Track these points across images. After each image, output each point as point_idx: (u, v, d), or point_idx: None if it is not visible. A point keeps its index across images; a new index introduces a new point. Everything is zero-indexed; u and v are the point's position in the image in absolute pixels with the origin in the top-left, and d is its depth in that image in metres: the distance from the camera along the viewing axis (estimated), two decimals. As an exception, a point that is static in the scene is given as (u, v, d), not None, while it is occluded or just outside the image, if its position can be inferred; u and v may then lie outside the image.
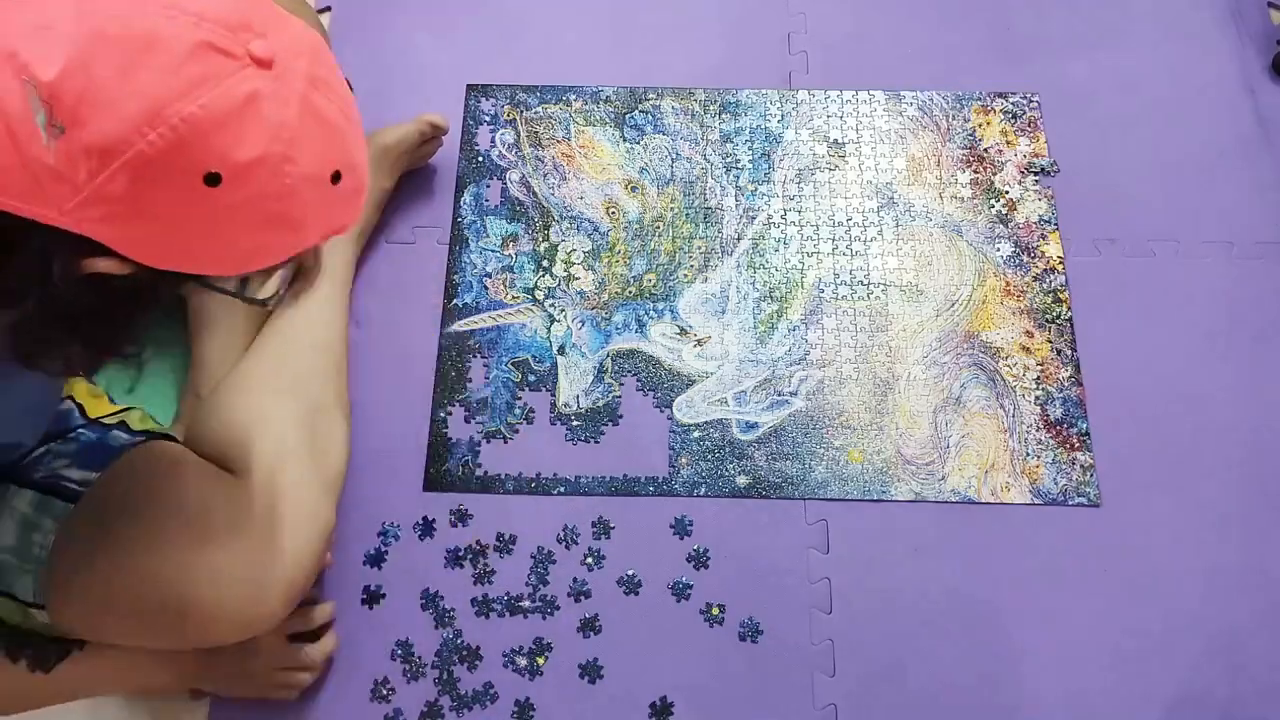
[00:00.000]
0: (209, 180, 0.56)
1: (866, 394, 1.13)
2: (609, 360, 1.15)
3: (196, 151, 0.55)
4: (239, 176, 0.57)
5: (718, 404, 1.13)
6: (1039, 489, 1.09)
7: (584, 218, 1.22)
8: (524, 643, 1.02)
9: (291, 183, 0.59)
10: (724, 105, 1.29)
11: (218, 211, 0.57)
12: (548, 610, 1.03)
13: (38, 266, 0.58)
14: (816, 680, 1.01)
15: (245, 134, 0.57)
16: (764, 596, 1.04)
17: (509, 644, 1.02)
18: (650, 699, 1.00)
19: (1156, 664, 1.01)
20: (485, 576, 1.04)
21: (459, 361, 1.15)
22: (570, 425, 1.12)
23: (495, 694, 1.00)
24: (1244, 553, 1.06)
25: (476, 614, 1.03)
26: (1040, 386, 1.14)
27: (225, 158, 0.56)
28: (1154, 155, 1.26)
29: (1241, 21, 1.34)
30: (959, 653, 1.02)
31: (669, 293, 1.18)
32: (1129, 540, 1.06)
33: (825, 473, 1.09)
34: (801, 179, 1.25)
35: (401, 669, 1.01)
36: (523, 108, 1.29)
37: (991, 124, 1.28)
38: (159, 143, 0.54)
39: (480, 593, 1.04)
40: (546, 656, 1.02)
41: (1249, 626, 1.03)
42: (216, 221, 0.58)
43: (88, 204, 0.55)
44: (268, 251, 0.63)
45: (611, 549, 1.06)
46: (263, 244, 0.61)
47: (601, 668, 1.01)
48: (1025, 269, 1.20)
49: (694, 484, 1.09)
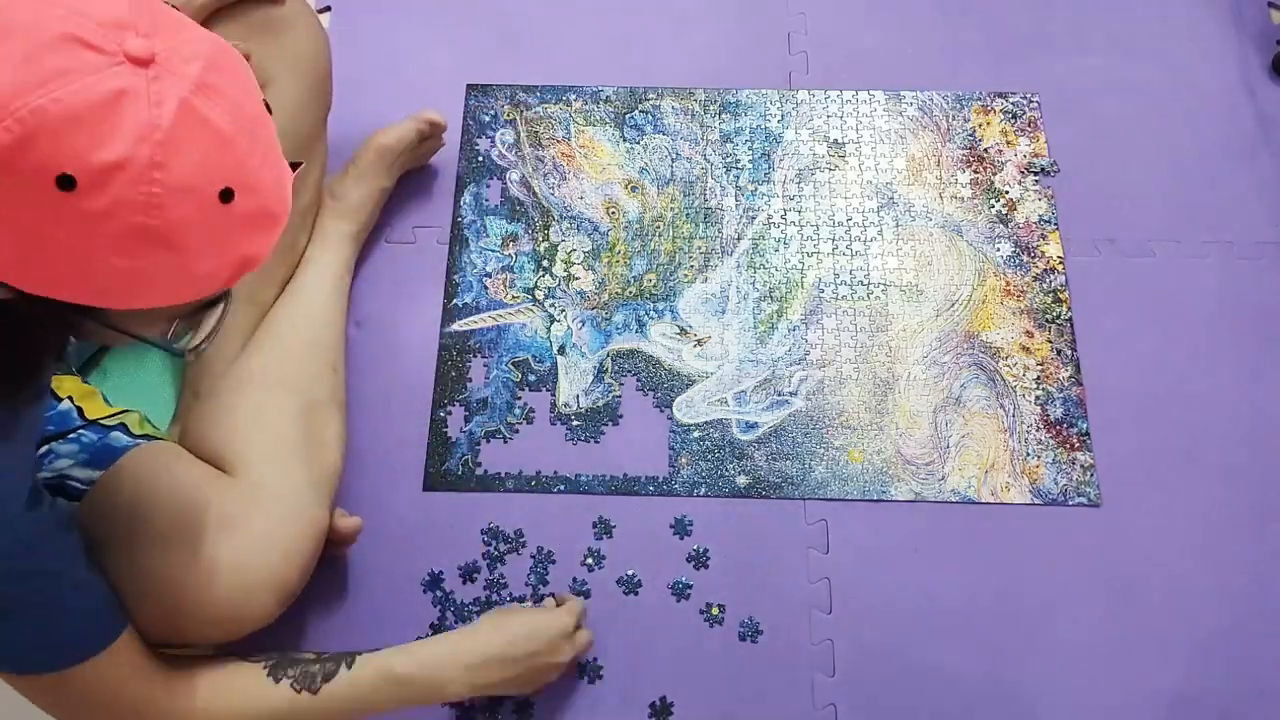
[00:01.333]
0: (61, 183, 0.50)
1: (866, 394, 1.13)
2: (609, 360, 1.15)
3: (46, 149, 0.50)
4: (97, 181, 0.51)
5: (718, 404, 1.13)
6: (1039, 489, 1.09)
7: (584, 218, 1.22)
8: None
9: (161, 192, 0.52)
10: (724, 105, 1.29)
11: (74, 221, 0.52)
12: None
13: None
14: (816, 680, 1.01)
15: (106, 134, 0.51)
16: (764, 596, 1.04)
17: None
18: (650, 699, 1.00)
19: (1156, 664, 1.01)
20: (493, 583, 1.04)
21: (459, 361, 1.15)
22: (570, 425, 1.12)
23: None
24: (1244, 552, 1.06)
25: (478, 613, 1.03)
26: (1040, 386, 1.14)
27: (80, 159, 0.51)
28: (1154, 155, 1.26)
29: (1241, 21, 1.35)
30: (959, 653, 1.02)
31: (669, 293, 1.18)
32: (1129, 540, 1.06)
33: (825, 473, 1.09)
34: (801, 179, 1.25)
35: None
36: (523, 107, 1.29)
37: (991, 124, 1.28)
38: (3, 136, 0.50)
39: (482, 593, 1.04)
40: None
41: (1249, 626, 1.03)
42: (75, 234, 0.52)
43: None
44: (152, 281, 0.55)
45: (611, 549, 1.06)
46: (140, 269, 0.54)
47: (601, 667, 1.01)
48: (1025, 269, 1.20)
49: (694, 484, 1.09)
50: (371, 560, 1.05)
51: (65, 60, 0.51)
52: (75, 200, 0.51)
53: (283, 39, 1.01)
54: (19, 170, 0.50)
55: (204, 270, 0.57)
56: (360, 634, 1.02)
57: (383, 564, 1.05)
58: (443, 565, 1.05)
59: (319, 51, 1.07)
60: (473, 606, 1.03)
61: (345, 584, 1.04)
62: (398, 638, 0.93)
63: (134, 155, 0.52)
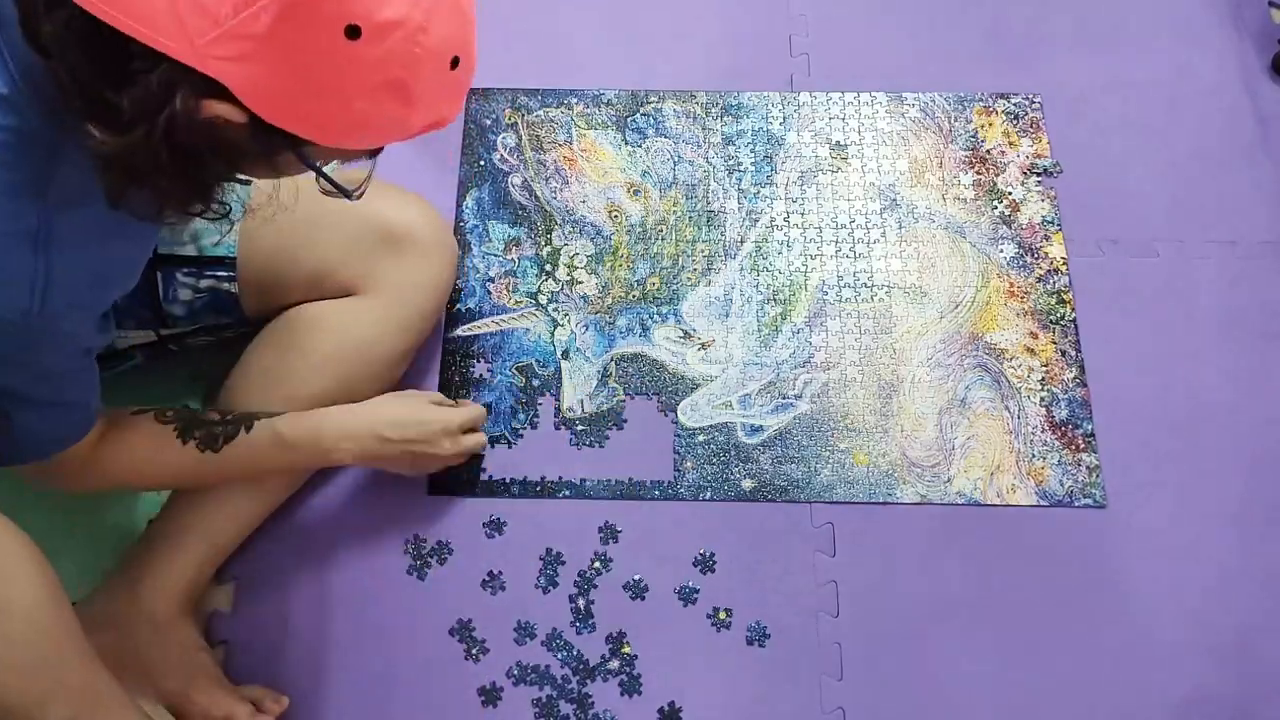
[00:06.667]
0: (349, 32, 0.57)
1: (871, 396, 1.13)
2: (613, 364, 1.15)
3: (345, 1, 0.57)
4: (377, 34, 0.58)
5: (722, 407, 1.13)
6: (1045, 491, 1.08)
7: (586, 221, 1.22)
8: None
9: (421, 53, 0.60)
10: (726, 108, 1.29)
11: (347, 65, 0.59)
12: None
13: (157, 99, 0.59)
14: (824, 684, 1.00)
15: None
16: (771, 600, 1.04)
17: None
18: (659, 704, 1.00)
19: (1165, 665, 1.01)
20: (493, 584, 1.04)
21: (463, 366, 1.14)
22: (575, 430, 1.11)
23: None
24: (1251, 552, 1.06)
25: (489, 623, 1.03)
26: (1045, 388, 1.13)
27: (370, 13, 0.57)
28: (1156, 155, 1.26)
29: (1241, 21, 1.35)
30: (967, 655, 1.02)
31: (672, 296, 1.18)
32: (1136, 541, 1.06)
33: (830, 476, 1.09)
34: (804, 181, 1.25)
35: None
36: (524, 111, 1.29)
37: (994, 125, 1.28)
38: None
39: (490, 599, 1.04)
40: (553, 662, 1.02)
41: (1257, 627, 1.03)
42: (342, 76, 0.59)
43: (223, 40, 0.56)
44: (373, 124, 0.63)
45: (618, 553, 1.06)
46: (372, 113, 0.62)
47: (610, 673, 1.01)
48: (1029, 270, 1.19)
49: (699, 488, 1.09)
50: (377, 565, 1.05)
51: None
52: (356, 47, 0.58)
53: (420, 261, 1.04)
54: (320, 13, 0.57)
55: (414, 121, 0.65)
56: (364, 638, 1.01)
57: (389, 570, 1.05)
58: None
59: (448, 279, 1.11)
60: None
61: (347, 589, 1.04)
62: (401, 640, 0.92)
63: (409, 17, 0.59)
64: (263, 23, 0.56)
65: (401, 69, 0.60)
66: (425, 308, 1.07)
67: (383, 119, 0.63)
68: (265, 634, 1.02)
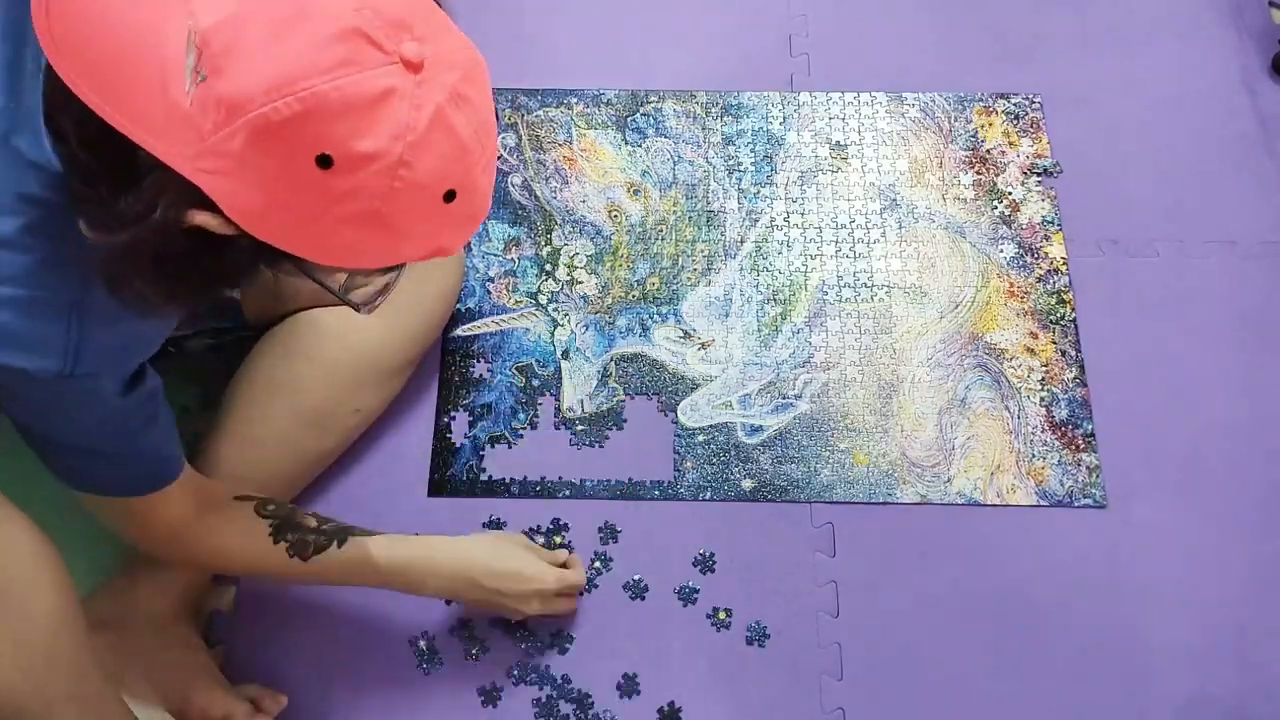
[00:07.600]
0: (320, 161, 0.56)
1: (871, 396, 1.13)
2: (613, 364, 1.15)
3: (315, 129, 0.55)
4: (350, 165, 0.56)
5: (722, 407, 1.13)
6: (1045, 491, 1.08)
7: (586, 221, 1.22)
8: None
9: (401, 186, 0.58)
10: (726, 108, 1.29)
11: (320, 194, 0.57)
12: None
13: (146, 202, 0.59)
14: (824, 684, 1.00)
15: (368, 127, 0.56)
16: (771, 600, 1.04)
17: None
18: (658, 704, 1.00)
19: (1165, 665, 1.01)
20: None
21: (463, 366, 1.14)
22: (575, 430, 1.11)
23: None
24: (1252, 552, 1.06)
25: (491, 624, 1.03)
26: (1045, 388, 1.13)
27: (342, 144, 0.56)
28: (1156, 155, 1.26)
29: (1241, 21, 1.35)
30: (967, 655, 1.02)
31: (672, 296, 1.18)
32: (1136, 541, 1.06)
33: (830, 476, 1.09)
34: (804, 181, 1.25)
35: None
36: (524, 111, 1.29)
37: (994, 125, 1.28)
38: (284, 110, 0.54)
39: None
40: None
41: (1258, 627, 1.03)
42: (317, 203, 0.58)
43: (205, 155, 0.56)
44: (363, 252, 0.62)
45: (618, 554, 1.06)
46: (358, 242, 0.61)
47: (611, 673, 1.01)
48: (1029, 270, 1.19)
49: (699, 488, 1.09)
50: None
51: (350, 52, 0.55)
52: (327, 177, 0.56)
53: (428, 269, 1.03)
54: (288, 142, 0.55)
55: (407, 251, 0.63)
56: (366, 640, 1.01)
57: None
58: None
59: (455, 288, 1.11)
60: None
61: (347, 593, 1.04)
62: (401, 640, 0.91)
63: (388, 150, 0.56)
64: (237, 143, 0.55)
65: (378, 201, 0.58)
66: (433, 316, 1.07)
67: (370, 247, 0.61)
68: (265, 634, 1.02)
